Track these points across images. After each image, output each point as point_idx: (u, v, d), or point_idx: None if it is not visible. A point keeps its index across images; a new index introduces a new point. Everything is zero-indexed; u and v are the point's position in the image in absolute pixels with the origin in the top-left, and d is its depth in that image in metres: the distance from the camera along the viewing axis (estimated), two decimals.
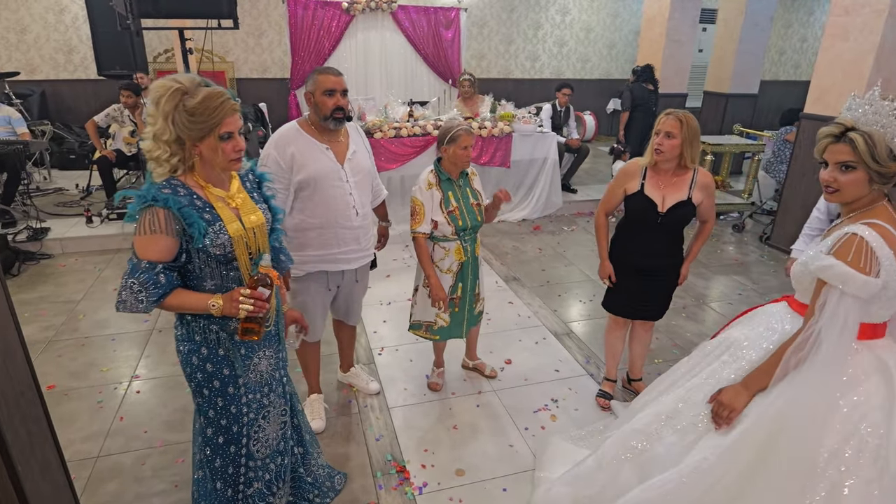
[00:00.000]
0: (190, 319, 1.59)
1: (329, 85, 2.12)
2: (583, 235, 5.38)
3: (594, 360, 3.20)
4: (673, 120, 2.26)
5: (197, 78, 1.50)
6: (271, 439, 1.80)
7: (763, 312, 1.80)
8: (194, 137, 1.47)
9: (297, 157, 2.14)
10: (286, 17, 7.00)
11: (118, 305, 1.47)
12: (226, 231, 1.53)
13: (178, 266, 1.51)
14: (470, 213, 2.50)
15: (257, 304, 1.51)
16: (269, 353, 1.73)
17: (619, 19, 9.82)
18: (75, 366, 3.00)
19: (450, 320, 2.64)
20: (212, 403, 1.65)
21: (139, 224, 1.45)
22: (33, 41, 7.18)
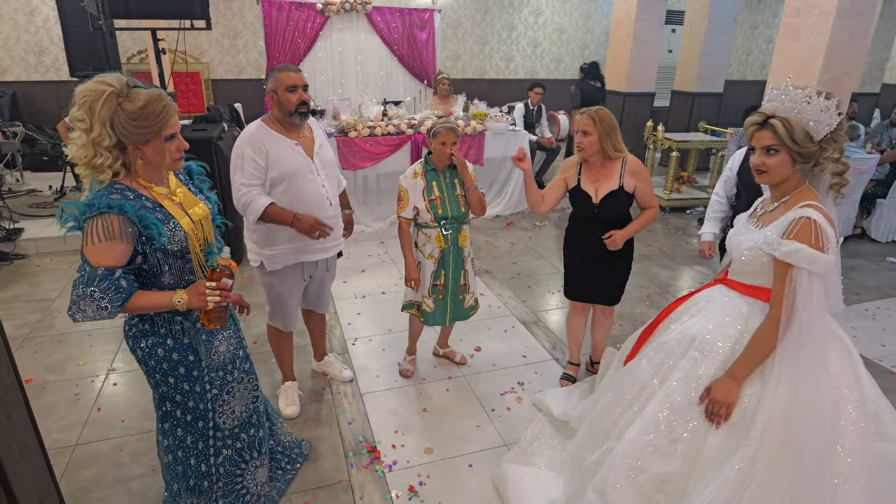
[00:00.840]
0: (153, 314, 1.63)
1: (290, 81, 2.19)
2: (554, 231, 5.54)
3: (560, 347, 3.34)
4: (587, 118, 2.44)
5: (124, 77, 1.50)
6: (238, 412, 1.89)
7: (708, 300, 1.85)
8: (138, 141, 1.48)
9: (271, 153, 2.21)
10: (261, 19, 7.05)
11: (75, 316, 1.44)
12: (180, 227, 1.58)
13: (133, 269, 1.53)
14: (452, 203, 2.62)
15: (223, 294, 1.59)
16: (228, 334, 1.82)
17: (591, 21, 10.05)
18: (52, 361, 3.05)
19: (433, 306, 2.77)
20: (178, 388, 1.72)
21: (90, 233, 1.43)
22: (3, 42, 7.11)
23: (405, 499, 2.18)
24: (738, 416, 1.63)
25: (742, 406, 1.63)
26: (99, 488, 2.19)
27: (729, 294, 1.80)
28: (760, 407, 1.60)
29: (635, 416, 1.83)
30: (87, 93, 1.43)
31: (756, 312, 1.70)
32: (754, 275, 1.72)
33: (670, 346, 1.84)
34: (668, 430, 1.72)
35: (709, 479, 1.61)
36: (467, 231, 2.75)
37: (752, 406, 1.62)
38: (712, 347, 1.73)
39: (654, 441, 1.73)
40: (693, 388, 1.71)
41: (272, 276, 2.42)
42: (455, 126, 2.58)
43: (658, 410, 1.74)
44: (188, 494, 1.84)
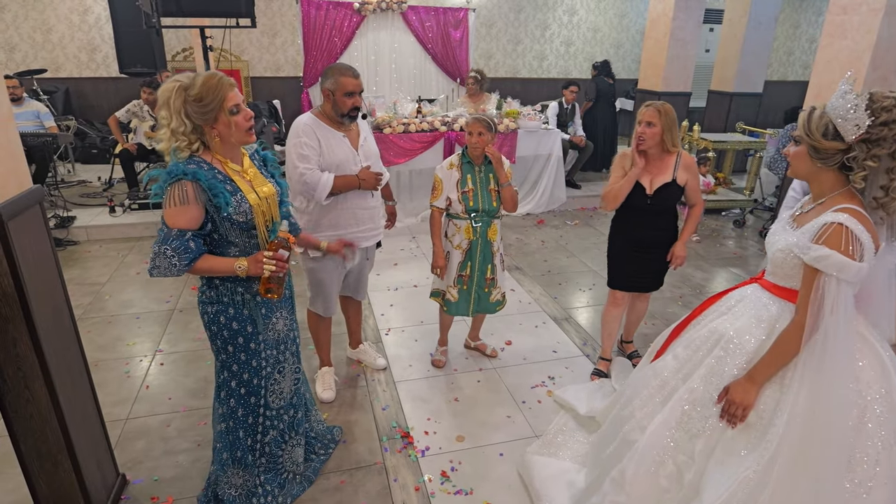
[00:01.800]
0: (218, 283, 1.78)
1: (350, 88, 2.31)
2: (585, 229, 5.53)
3: (591, 343, 3.35)
4: (653, 111, 2.49)
5: (191, 74, 1.66)
6: (285, 392, 2.01)
7: (740, 299, 1.83)
8: (209, 120, 1.63)
9: (322, 143, 2.35)
10: (299, 18, 7.22)
11: (152, 271, 1.61)
12: (247, 200, 1.71)
13: (204, 234, 1.68)
14: (485, 197, 2.68)
15: (279, 265, 1.70)
16: (285, 314, 1.96)
17: (626, 19, 9.94)
18: (103, 340, 3.22)
19: (458, 296, 2.83)
20: (235, 358, 1.85)
21: (169, 197, 1.59)
22: (58, 40, 7.46)
23: (438, 483, 2.24)
24: (756, 418, 1.62)
25: (759, 409, 1.61)
26: (149, 459, 2.31)
27: (761, 294, 1.77)
28: (779, 411, 1.58)
29: (656, 410, 1.83)
30: (164, 92, 1.61)
31: (786, 315, 1.67)
32: (786, 277, 1.69)
33: (697, 344, 1.83)
34: (689, 426, 1.72)
35: (725, 478, 1.61)
36: (498, 226, 2.79)
37: (769, 409, 1.60)
38: (737, 347, 1.71)
39: (674, 436, 1.74)
40: (715, 387, 1.70)
41: (314, 262, 2.52)
42: (484, 117, 2.63)
43: (679, 406, 1.74)
44: (233, 465, 1.94)
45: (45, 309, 1.68)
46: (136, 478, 2.21)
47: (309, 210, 2.47)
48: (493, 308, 2.91)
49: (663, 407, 1.79)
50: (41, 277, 1.67)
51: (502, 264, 2.90)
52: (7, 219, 1.48)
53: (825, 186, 1.61)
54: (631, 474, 1.77)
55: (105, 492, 2.02)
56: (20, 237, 1.56)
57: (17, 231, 1.55)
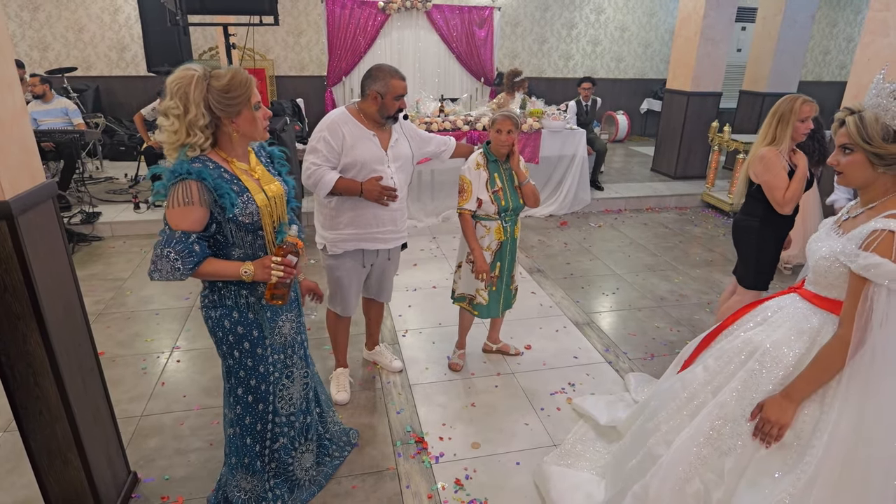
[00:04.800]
0: (221, 286, 1.70)
1: (401, 91, 2.30)
2: (609, 232, 5.39)
3: (613, 350, 3.24)
4: (816, 106, 2.51)
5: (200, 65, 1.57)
6: (295, 398, 1.95)
7: (777, 309, 1.72)
8: (233, 113, 1.56)
9: (347, 139, 2.30)
10: (324, 17, 7.24)
11: (153, 274, 1.52)
12: (254, 201, 1.63)
13: (208, 236, 1.61)
14: (513, 194, 2.62)
15: (287, 271, 1.63)
16: (291, 316, 1.88)
17: (655, 18, 9.73)
18: (122, 336, 3.23)
19: (489, 298, 2.76)
20: (242, 364, 1.78)
21: (172, 197, 1.52)
22: (89, 39, 7.62)
23: (451, 491, 2.17)
24: (792, 438, 1.51)
25: (796, 428, 1.50)
26: (161, 458, 2.30)
27: (801, 305, 1.66)
28: (818, 432, 1.47)
29: (683, 424, 1.73)
30: (178, 81, 1.51)
31: (828, 328, 1.56)
32: (830, 286, 1.58)
33: (729, 355, 1.72)
34: (719, 443, 1.62)
35: (757, 500, 1.51)
36: (521, 222, 2.77)
37: (808, 429, 1.49)
38: (773, 360, 1.60)
39: (702, 452, 1.63)
40: (748, 402, 1.61)
41: (333, 260, 2.48)
42: (514, 115, 2.56)
43: (709, 421, 1.64)
44: (242, 469, 1.90)
45: (56, 305, 1.66)
46: (147, 476, 2.19)
47: (331, 206, 2.43)
48: (510, 302, 2.90)
49: (691, 421, 1.70)
50: (53, 273, 1.66)
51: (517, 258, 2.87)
52: (17, 214, 1.47)
53: (878, 191, 1.51)
54: (655, 491, 1.68)
55: (115, 490, 2.01)
56: (31, 232, 1.54)
57: (29, 226, 1.53)
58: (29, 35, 7.44)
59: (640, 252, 4.86)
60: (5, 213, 1.44)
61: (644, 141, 9.80)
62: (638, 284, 4.18)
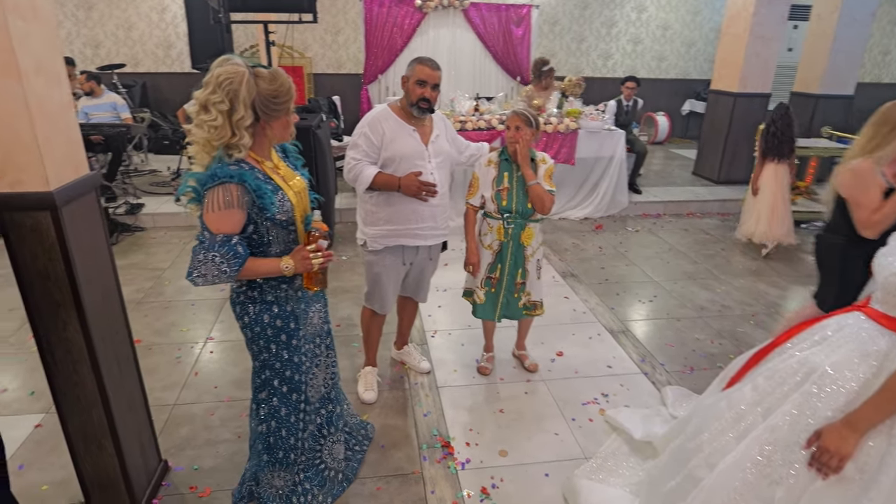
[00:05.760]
0: (262, 282, 1.72)
1: (422, 76, 2.28)
2: (647, 237, 5.24)
3: (650, 360, 3.13)
4: None
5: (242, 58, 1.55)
6: (319, 386, 1.98)
7: (839, 328, 1.59)
8: (273, 117, 1.58)
9: (387, 134, 2.32)
10: (362, 15, 7.28)
11: (196, 280, 1.51)
12: (287, 198, 1.66)
13: (245, 236, 1.63)
14: (520, 197, 2.54)
15: (325, 255, 1.67)
16: (319, 306, 1.93)
17: (700, 16, 9.42)
18: (159, 325, 3.31)
19: (484, 298, 2.73)
20: (278, 356, 1.80)
21: (211, 201, 1.51)
22: (138, 37, 7.88)
23: (477, 499, 2.12)
24: (854, 471, 1.38)
25: (859, 461, 1.37)
26: (191, 447, 2.33)
27: (867, 325, 1.52)
28: (885, 466, 1.34)
29: (729, 446, 1.62)
30: (228, 75, 1.47)
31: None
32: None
33: (783, 375, 1.60)
34: (768, 471, 1.50)
35: None
36: (534, 230, 2.63)
37: (873, 463, 1.37)
38: (834, 385, 1.47)
39: (749, 479, 1.52)
40: (804, 428, 1.48)
41: (373, 256, 2.49)
42: (525, 111, 2.50)
43: (758, 445, 1.53)
44: (273, 466, 1.91)
45: (96, 294, 1.69)
46: (177, 465, 2.23)
47: (371, 202, 2.43)
48: (519, 313, 2.77)
49: (738, 444, 1.58)
50: (93, 263, 1.69)
51: (538, 271, 2.72)
52: (61, 204, 1.50)
53: None
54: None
55: (146, 477, 2.04)
56: (74, 223, 1.58)
57: (72, 217, 1.56)
58: (83, 33, 7.74)
59: (680, 259, 4.70)
60: (49, 203, 1.47)
61: (685, 143, 9.52)
62: (676, 293, 4.04)
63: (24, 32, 1.38)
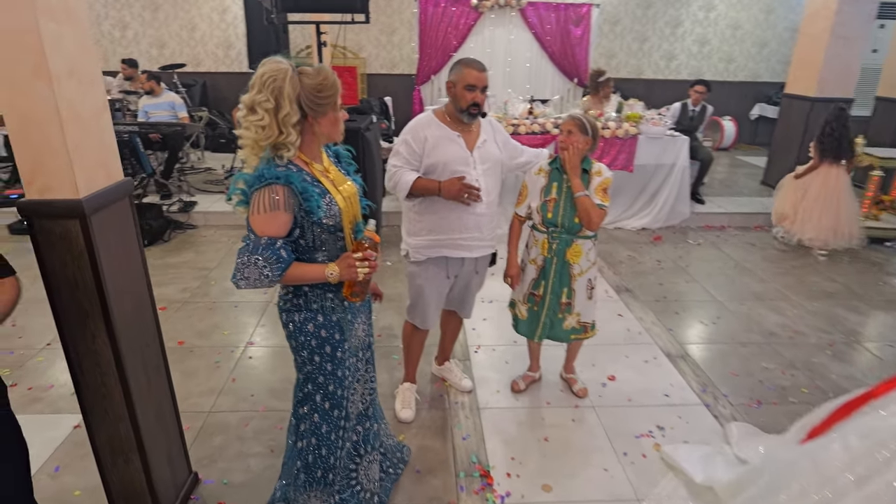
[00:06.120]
0: (308, 289, 1.66)
1: (471, 80, 2.13)
2: (710, 251, 4.88)
3: (712, 390, 2.85)
4: None
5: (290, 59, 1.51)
6: (357, 402, 1.89)
7: None
8: (321, 113, 1.52)
9: (429, 140, 2.21)
10: (417, 15, 7.21)
11: (239, 283, 1.48)
12: (335, 202, 1.58)
13: (292, 241, 1.57)
14: (568, 210, 2.35)
15: (371, 265, 1.58)
16: (364, 318, 1.84)
17: (774, 15, 8.81)
18: (202, 326, 3.31)
19: (527, 314, 2.57)
20: (322, 369, 1.72)
21: (257, 203, 1.47)
22: (200, 38, 8.12)
23: None
24: None
25: None
26: (222, 459, 2.27)
27: None
28: None
29: None
30: (272, 73, 1.44)
31: None
32: None
33: (881, 437, 1.37)
34: None
35: None
36: (582, 247, 2.41)
37: None
38: None
39: None
40: None
41: (415, 267, 2.37)
42: (580, 116, 2.31)
43: None
44: (310, 486, 1.81)
45: (126, 305, 1.63)
46: (207, 477, 2.17)
47: (414, 210, 2.32)
48: (566, 336, 2.56)
49: None
50: (125, 273, 1.63)
51: (589, 290, 2.50)
52: (90, 213, 1.44)
53: None
54: None
55: (175, 489, 1.99)
56: (104, 231, 1.52)
57: (102, 225, 1.50)
58: (149, 34, 8.05)
59: (746, 276, 4.33)
60: (78, 211, 1.41)
61: (752, 150, 8.93)
62: (742, 314, 3.70)
63: (57, 35, 1.32)
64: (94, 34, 7.96)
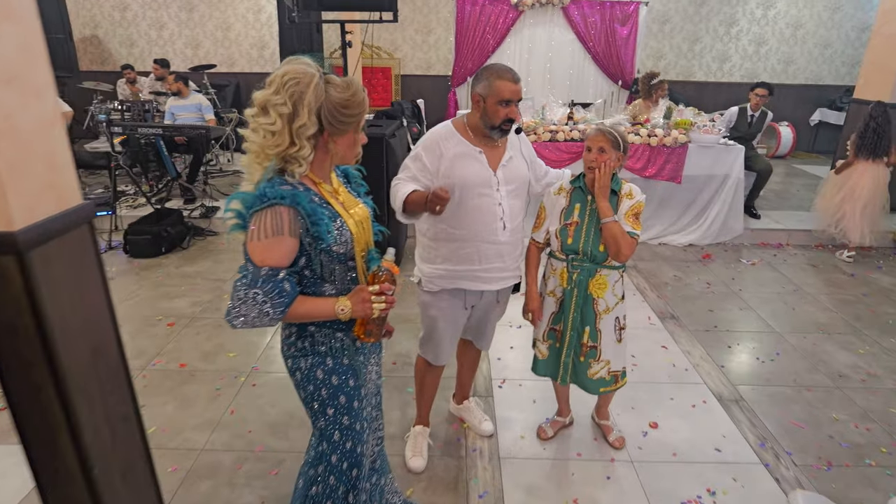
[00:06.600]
0: (314, 329, 1.44)
1: (507, 94, 1.82)
2: (766, 272, 4.41)
3: (772, 446, 2.46)
4: None
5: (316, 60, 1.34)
6: (367, 452, 1.63)
7: None
8: (340, 132, 1.34)
9: (445, 157, 1.91)
10: (454, 14, 6.93)
11: (234, 321, 1.27)
12: (347, 227, 1.39)
13: (297, 271, 1.37)
14: (592, 236, 2.02)
15: (388, 300, 1.37)
16: (376, 359, 1.62)
17: (840, 13, 8.13)
18: (208, 346, 3.11)
19: (547, 352, 2.25)
20: (337, 423, 1.49)
21: (258, 226, 1.27)
22: (235, 38, 8.07)
23: None
24: None
25: None
26: None
27: None
28: None
29: None
30: (295, 75, 1.27)
31: None
32: None
33: None
34: None
35: None
36: (608, 280, 2.07)
37: None
38: None
39: None
40: None
41: (429, 297, 2.09)
42: (611, 130, 1.97)
43: None
44: None
45: (81, 350, 1.40)
46: None
47: (428, 236, 2.04)
48: (594, 388, 2.21)
49: None
50: (80, 312, 1.40)
51: (618, 333, 2.15)
52: (29, 247, 1.21)
53: None
54: None
55: None
56: (52, 267, 1.28)
57: (47, 260, 1.27)
58: (185, 34, 8.05)
59: (808, 304, 3.86)
60: (11, 247, 1.18)
61: (811, 158, 8.28)
62: (806, 350, 3.26)
63: None
64: (130, 34, 8.03)
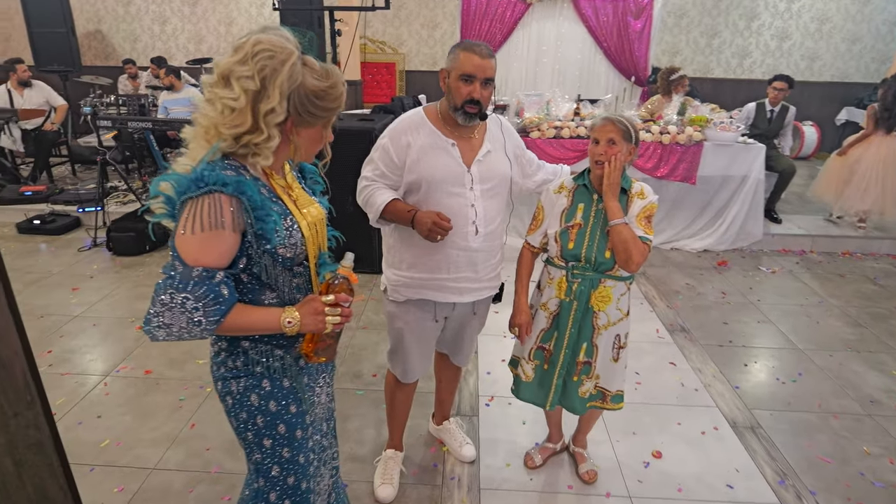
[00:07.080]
0: (248, 345, 1.22)
1: (469, 68, 1.59)
2: (787, 281, 4.09)
3: (793, 483, 2.16)
4: None
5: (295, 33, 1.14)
6: (322, 488, 1.43)
7: None
8: (307, 123, 1.16)
9: (412, 150, 1.67)
10: (460, 7, 6.68)
11: (156, 332, 1.04)
12: (298, 228, 1.19)
13: (234, 274, 1.15)
14: (597, 241, 1.75)
15: (344, 314, 1.19)
16: (326, 379, 1.39)
17: (870, 7, 7.71)
18: (176, 353, 2.90)
19: (531, 375, 1.96)
20: (276, 457, 1.27)
21: (193, 216, 1.05)
22: (238, 32, 7.91)
23: None
24: None
25: None
26: None
27: None
28: None
29: None
30: (270, 47, 1.07)
31: None
32: None
33: None
34: None
35: None
36: (613, 292, 1.79)
37: None
38: None
39: None
40: None
41: (394, 307, 1.85)
42: (621, 119, 1.71)
43: None
44: None
45: None
46: None
47: (393, 238, 1.80)
48: (580, 407, 1.94)
49: None
50: None
51: (616, 352, 1.88)
52: None
53: None
54: None
55: None
56: None
57: None
58: (188, 28, 7.92)
59: (835, 318, 3.54)
60: None
61: None
62: (832, 371, 2.95)
63: None
64: (134, 29, 7.92)
